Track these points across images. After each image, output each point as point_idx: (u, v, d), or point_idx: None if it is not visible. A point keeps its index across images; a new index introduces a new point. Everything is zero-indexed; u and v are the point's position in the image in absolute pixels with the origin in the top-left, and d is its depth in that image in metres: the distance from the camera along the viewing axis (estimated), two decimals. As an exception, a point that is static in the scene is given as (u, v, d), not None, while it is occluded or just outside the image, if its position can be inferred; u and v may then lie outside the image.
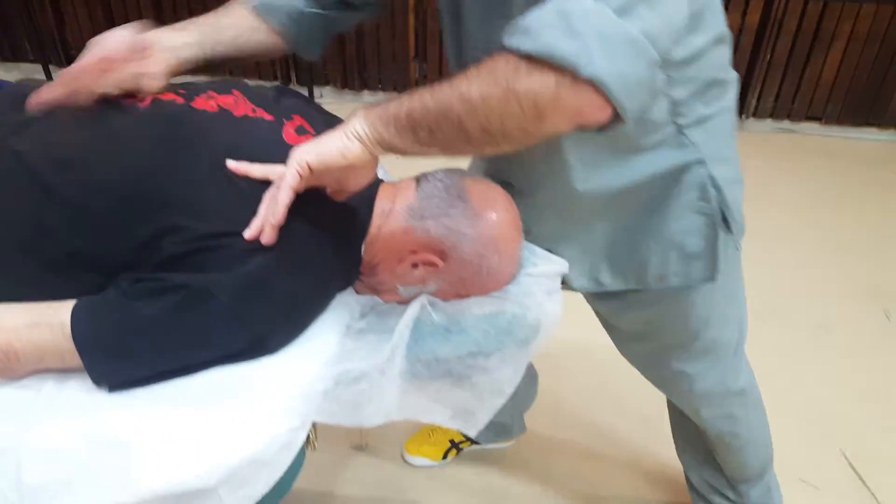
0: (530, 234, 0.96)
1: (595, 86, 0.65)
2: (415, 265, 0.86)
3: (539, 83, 0.66)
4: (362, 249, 0.87)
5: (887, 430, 1.70)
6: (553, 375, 1.85)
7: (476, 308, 0.85)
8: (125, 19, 3.56)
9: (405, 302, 0.88)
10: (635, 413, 1.73)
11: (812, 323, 2.10)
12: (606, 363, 1.87)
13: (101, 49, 0.84)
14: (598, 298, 1.08)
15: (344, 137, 0.73)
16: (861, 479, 1.58)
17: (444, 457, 1.59)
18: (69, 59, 3.70)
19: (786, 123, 3.52)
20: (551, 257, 0.96)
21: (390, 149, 0.75)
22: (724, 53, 0.93)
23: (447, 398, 0.86)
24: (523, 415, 1.58)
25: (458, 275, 0.87)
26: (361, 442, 1.63)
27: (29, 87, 0.85)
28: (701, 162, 0.91)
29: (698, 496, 1.37)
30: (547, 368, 1.83)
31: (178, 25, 0.92)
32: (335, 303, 0.86)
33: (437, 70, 3.54)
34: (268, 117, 0.86)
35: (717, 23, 0.87)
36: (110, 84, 0.81)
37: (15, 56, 3.93)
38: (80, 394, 0.71)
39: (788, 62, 3.35)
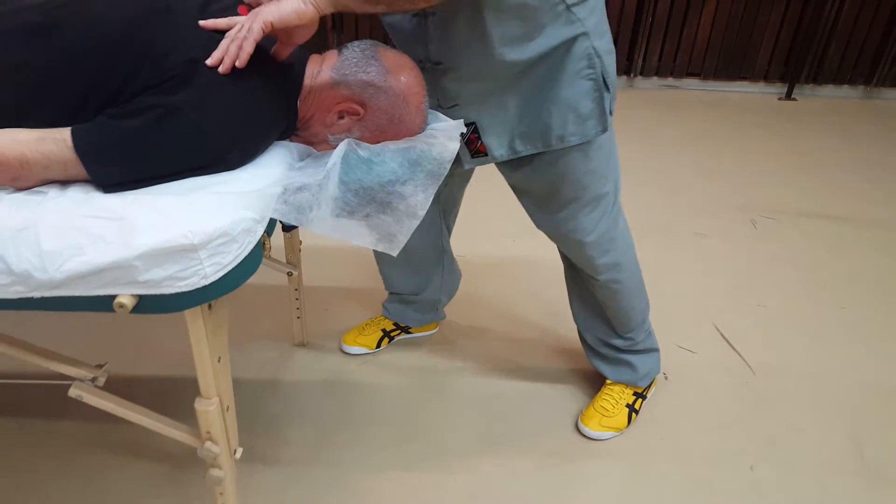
0: (458, 103, 1.19)
1: None
2: (340, 115, 1.07)
3: None
4: (297, 105, 1.07)
5: (750, 307, 2.02)
6: (473, 280, 2.10)
7: (392, 146, 1.06)
8: None
9: (333, 147, 1.09)
10: (544, 309, 1.99)
11: (691, 232, 2.43)
12: (519, 272, 2.14)
13: None
14: (513, 168, 1.31)
15: (300, 3, 0.94)
16: (729, 343, 1.89)
17: (378, 345, 1.80)
18: None
19: (670, 80, 3.91)
20: (451, 121, 1.19)
21: (343, 8, 0.97)
22: None
23: (374, 223, 1.06)
24: (449, 298, 1.81)
25: (376, 123, 1.08)
26: (303, 339, 1.81)
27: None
28: (586, 35, 1.12)
29: (593, 353, 1.62)
30: (469, 275, 2.08)
31: None
32: (278, 148, 1.06)
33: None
34: None
35: None
36: None
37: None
38: (80, 193, 0.88)
39: (668, 24, 3.73)
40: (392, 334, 1.81)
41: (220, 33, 0.95)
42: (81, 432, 1.51)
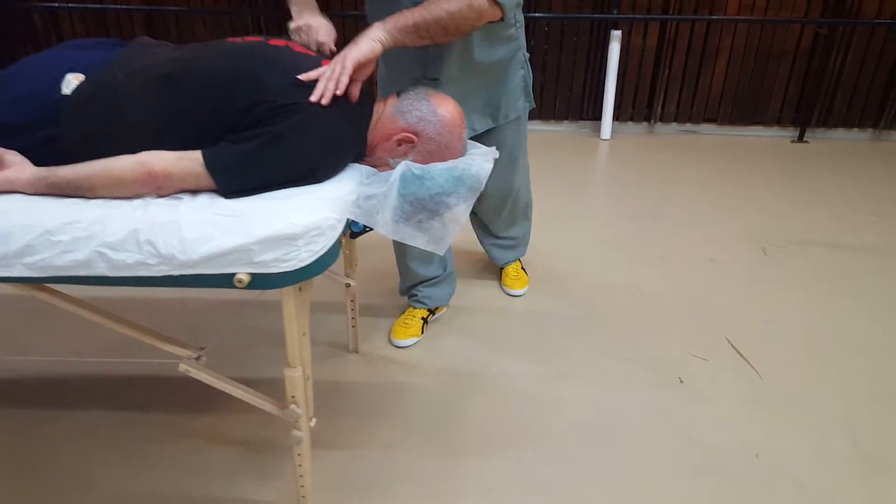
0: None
1: (500, 6, 1.41)
2: (399, 143, 1.35)
3: (482, 3, 1.43)
4: (367, 136, 1.36)
5: (759, 323, 2.22)
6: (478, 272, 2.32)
7: (440, 166, 1.33)
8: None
9: (393, 167, 1.37)
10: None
11: (706, 258, 2.64)
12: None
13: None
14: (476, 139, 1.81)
15: (371, 41, 1.29)
16: (738, 352, 2.09)
17: (422, 331, 2.13)
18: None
19: (688, 126, 4.17)
20: (485, 147, 1.46)
21: (399, 45, 1.34)
22: None
23: (425, 227, 1.33)
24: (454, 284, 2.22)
25: (427, 148, 1.36)
26: (356, 346, 2.06)
27: (145, 39, 1.34)
28: (521, 47, 1.80)
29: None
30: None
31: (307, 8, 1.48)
32: (351, 168, 1.34)
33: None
34: (279, 42, 1.35)
35: None
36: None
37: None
38: (207, 199, 1.16)
39: (684, 75, 4.02)
40: (427, 319, 2.17)
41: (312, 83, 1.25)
42: (166, 422, 1.76)
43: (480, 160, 1.38)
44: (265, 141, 1.18)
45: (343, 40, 1.27)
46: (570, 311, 2.29)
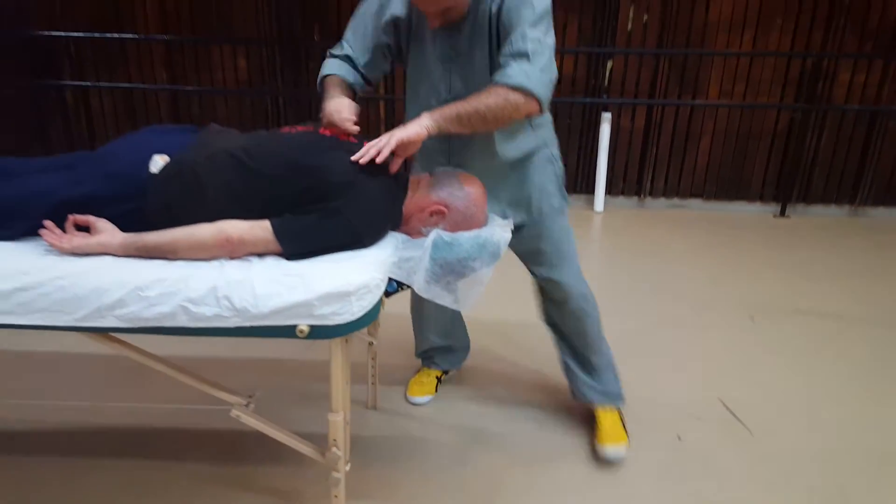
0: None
1: (538, 100, 1.53)
2: (431, 214, 1.57)
3: (518, 97, 1.53)
4: (403, 209, 1.58)
5: (750, 385, 2.40)
6: (487, 339, 2.51)
7: (466, 234, 1.55)
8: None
9: (425, 235, 1.58)
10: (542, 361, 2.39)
11: (697, 325, 2.84)
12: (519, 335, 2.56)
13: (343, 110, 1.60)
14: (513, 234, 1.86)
15: (419, 127, 1.50)
16: (731, 411, 2.26)
17: (436, 389, 2.28)
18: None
19: (676, 200, 4.45)
20: (503, 220, 1.68)
21: (445, 132, 1.55)
22: None
23: (452, 288, 1.53)
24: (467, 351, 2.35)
25: (455, 219, 1.57)
26: (375, 403, 2.22)
27: (214, 127, 1.58)
28: (545, 144, 1.84)
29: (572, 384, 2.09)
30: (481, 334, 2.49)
31: (337, 93, 1.70)
32: (389, 236, 1.55)
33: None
34: (328, 132, 1.59)
35: None
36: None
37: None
38: (273, 261, 1.37)
39: (671, 153, 4.33)
40: (440, 378, 2.32)
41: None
42: (199, 471, 1.90)
43: (500, 230, 1.60)
44: (323, 214, 1.40)
45: (385, 119, 1.50)
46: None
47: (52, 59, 4.41)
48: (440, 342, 2.27)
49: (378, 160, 1.46)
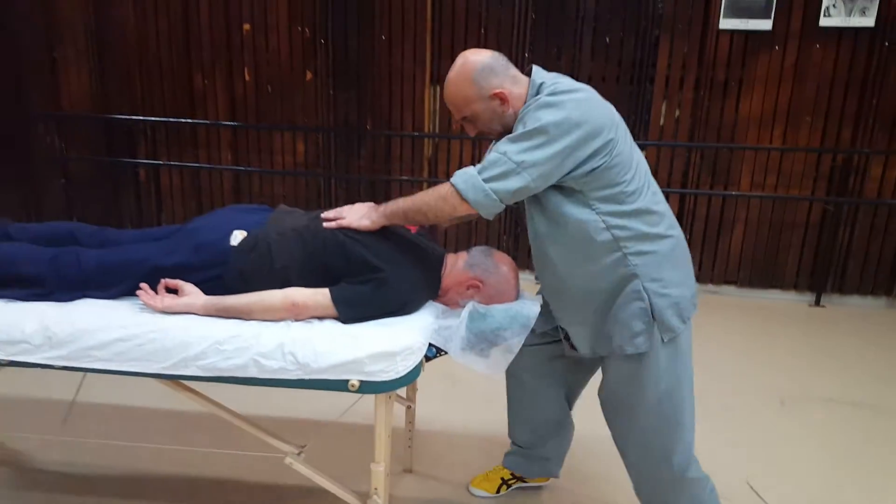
0: (556, 314, 1.79)
1: (467, 203, 1.56)
2: (467, 288, 1.78)
3: (453, 197, 1.58)
4: (440, 282, 1.79)
5: (778, 469, 2.47)
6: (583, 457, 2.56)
7: (499, 307, 1.74)
8: (211, 206, 4.70)
9: (461, 307, 1.78)
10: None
11: (727, 408, 2.93)
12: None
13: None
14: (602, 361, 1.82)
15: (368, 222, 1.69)
16: (759, 496, 2.33)
17: (498, 491, 2.23)
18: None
19: (710, 287, 4.56)
20: (533, 296, 1.88)
21: (390, 224, 1.70)
22: (651, 219, 1.67)
23: (485, 355, 1.71)
24: (562, 459, 2.21)
25: (489, 293, 1.78)
26: (410, 466, 2.37)
27: (283, 207, 1.84)
28: (636, 276, 1.64)
29: None
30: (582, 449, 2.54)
31: None
32: (429, 305, 1.76)
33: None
34: None
35: (642, 201, 1.66)
36: None
37: (105, 243, 4.99)
38: (330, 323, 1.59)
39: (704, 240, 4.48)
40: (509, 482, 2.25)
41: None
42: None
43: (530, 304, 1.80)
44: (374, 285, 1.62)
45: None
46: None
47: (130, 140, 4.86)
48: (522, 438, 2.17)
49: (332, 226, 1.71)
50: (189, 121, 4.72)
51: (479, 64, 1.66)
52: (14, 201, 5.03)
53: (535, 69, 1.71)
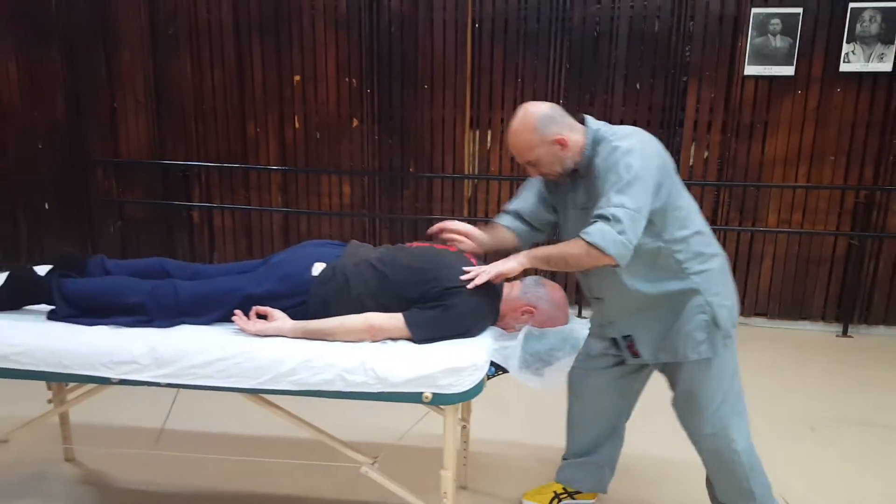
0: (614, 321, 2.03)
1: (610, 257, 1.75)
2: (522, 313, 1.98)
3: (595, 252, 1.74)
4: (500, 307, 2.00)
5: (810, 487, 2.61)
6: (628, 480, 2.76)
7: (551, 330, 1.94)
8: (261, 245, 4.96)
9: (517, 330, 1.98)
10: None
11: (760, 434, 3.03)
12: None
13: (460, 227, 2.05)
14: (662, 368, 2.08)
15: (515, 263, 1.88)
16: (792, 508, 2.48)
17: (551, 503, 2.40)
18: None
19: (741, 318, 4.66)
20: (580, 319, 2.07)
21: (534, 267, 1.90)
22: (703, 240, 1.94)
23: (539, 373, 1.91)
24: (613, 469, 2.35)
25: (541, 318, 1.98)
26: (465, 483, 2.54)
27: (355, 242, 2.08)
28: (698, 291, 1.91)
29: None
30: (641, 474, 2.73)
31: (486, 228, 2.11)
32: (490, 329, 1.96)
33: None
34: (439, 246, 2.05)
35: (695, 224, 1.93)
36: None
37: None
38: (404, 343, 1.80)
39: (735, 274, 4.62)
40: (561, 497, 2.41)
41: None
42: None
43: (579, 327, 2.00)
44: (443, 310, 1.84)
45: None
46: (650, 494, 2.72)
47: (185, 184, 5.19)
48: (571, 440, 2.35)
49: (477, 285, 1.86)
50: (242, 166, 5.03)
51: (539, 114, 1.90)
52: (72, 242, 5.37)
53: (588, 118, 1.96)
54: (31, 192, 5.36)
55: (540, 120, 1.89)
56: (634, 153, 1.80)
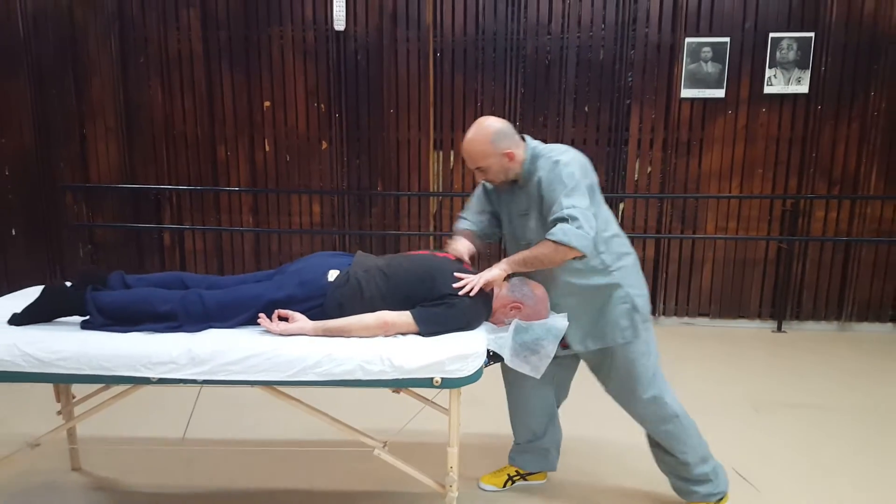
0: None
1: (576, 249, 2.13)
2: (511, 309, 2.29)
3: (563, 248, 2.12)
4: (492, 305, 2.30)
5: (755, 459, 2.99)
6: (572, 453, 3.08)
7: (536, 323, 2.25)
8: (232, 265, 5.10)
9: (507, 324, 2.28)
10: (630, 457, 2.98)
11: (709, 415, 3.43)
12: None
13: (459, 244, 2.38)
14: (589, 357, 2.43)
15: (499, 270, 2.21)
16: (743, 477, 2.83)
17: (504, 485, 2.74)
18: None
19: (686, 319, 5.13)
20: (560, 316, 2.39)
21: (515, 271, 2.24)
22: (620, 241, 2.34)
23: (527, 360, 2.20)
24: (558, 450, 2.70)
25: (528, 312, 2.28)
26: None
27: (361, 252, 2.35)
28: (619, 285, 2.30)
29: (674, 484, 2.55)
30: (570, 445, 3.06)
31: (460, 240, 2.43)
32: (484, 324, 2.26)
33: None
34: (440, 254, 2.34)
35: (613, 227, 2.33)
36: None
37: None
38: (413, 337, 2.08)
39: (679, 278, 5.07)
40: (514, 479, 2.75)
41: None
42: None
43: (559, 319, 2.31)
44: (446, 307, 2.13)
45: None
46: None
47: (156, 207, 5.33)
48: (523, 435, 2.66)
49: (472, 294, 2.17)
50: (212, 188, 5.21)
51: (494, 128, 2.25)
52: (42, 265, 5.43)
53: (527, 136, 2.35)
54: (-3, 219, 5.40)
55: (495, 134, 2.24)
56: (573, 164, 2.19)
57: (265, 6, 4.95)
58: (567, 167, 2.19)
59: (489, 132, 2.25)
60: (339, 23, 4.85)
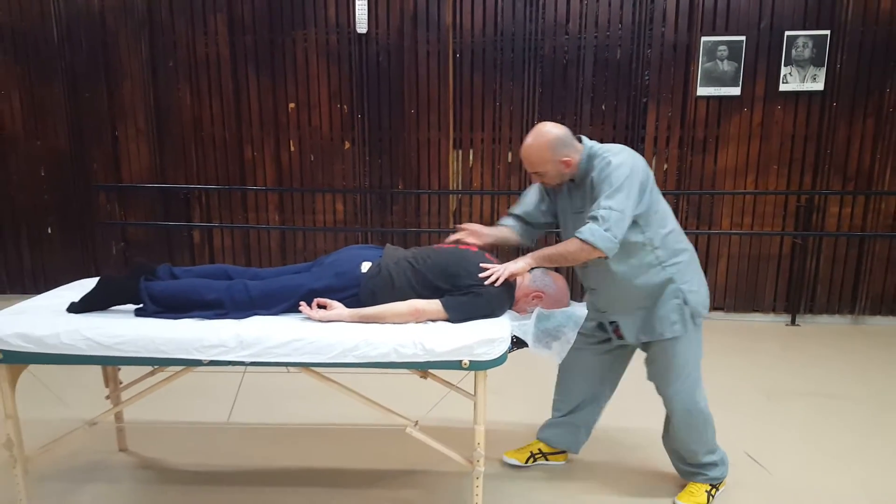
0: (606, 311, 2.51)
1: (600, 250, 2.22)
2: (533, 298, 2.43)
3: (587, 248, 2.21)
4: (515, 295, 2.44)
5: (767, 444, 3.11)
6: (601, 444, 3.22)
7: (558, 311, 2.39)
8: (259, 261, 5.24)
9: (529, 312, 2.42)
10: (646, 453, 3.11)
11: (723, 403, 3.56)
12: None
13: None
14: (642, 347, 2.55)
15: (523, 263, 2.33)
16: (755, 461, 2.95)
17: (526, 462, 2.90)
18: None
19: (701, 313, 5.23)
20: (582, 304, 2.52)
21: (539, 266, 2.36)
22: (676, 237, 2.39)
23: (549, 346, 2.34)
24: (589, 432, 2.83)
25: (549, 301, 2.42)
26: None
27: (390, 246, 2.50)
28: (673, 280, 2.36)
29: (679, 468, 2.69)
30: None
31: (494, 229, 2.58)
32: (508, 312, 2.40)
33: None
34: (463, 247, 2.48)
35: (671, 223, 2.39)
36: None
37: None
38: (442, 324, 2.23)
39: (694, 273, 5.17)
40: (536, 457, 2.90)
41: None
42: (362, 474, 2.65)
43: (580, 308, 2.45)
44: (473, 296, 2.28)
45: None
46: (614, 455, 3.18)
47: (186, 206, 5.52)
48: (563, 406, 2.78)
49: (497, 284, 2.29)
50: (240, 188, 5.40)
51: (553, 135, 2.32)
52: (77, 262, 5.64)
53: (584, 137, 2.41)
54: (33, 218, 5.61)
55: (553, 141, 2.33)
56: (624, 166, 2.24)
57: (289, 11, 5.12)
58: (618, 169, 2.24)
59: (548, 139, 2.32)
60: (362, 26, 5.01)
